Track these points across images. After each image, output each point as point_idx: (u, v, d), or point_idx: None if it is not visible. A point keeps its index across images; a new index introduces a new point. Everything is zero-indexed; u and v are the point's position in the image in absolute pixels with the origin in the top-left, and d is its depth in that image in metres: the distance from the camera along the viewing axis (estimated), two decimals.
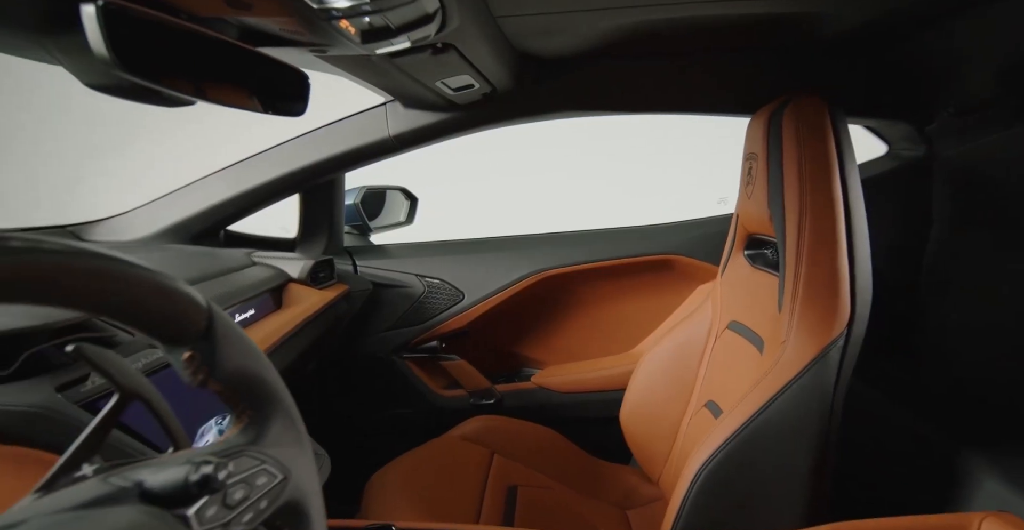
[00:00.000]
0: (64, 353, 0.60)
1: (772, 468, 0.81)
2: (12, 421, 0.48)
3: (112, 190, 2.02)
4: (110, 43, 0.45)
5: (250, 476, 0.38)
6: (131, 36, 0.47)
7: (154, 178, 1.38)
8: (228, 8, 0.51)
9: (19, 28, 0.48)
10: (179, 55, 0.53)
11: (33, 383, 0.52)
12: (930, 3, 0.84)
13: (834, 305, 0.81)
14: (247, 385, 0.40)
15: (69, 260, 0.28)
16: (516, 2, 0.80)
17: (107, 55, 0.45)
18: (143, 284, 0.32)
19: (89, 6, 0.43)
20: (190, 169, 1.34)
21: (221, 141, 1.72)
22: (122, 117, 2.19)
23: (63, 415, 0.50)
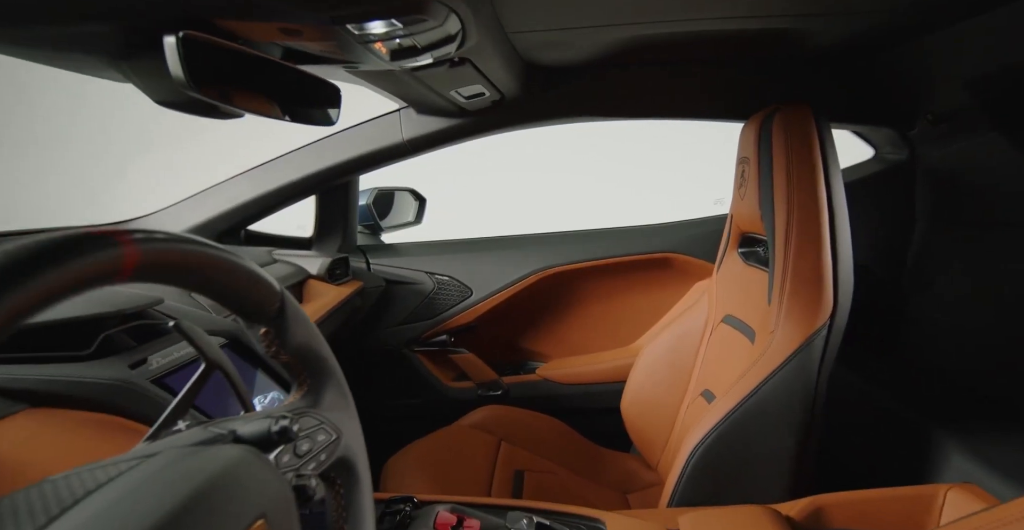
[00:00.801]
0: (128, 336, 0.68)
1: (761, 447, 0.88)
2: (96, 392, 0.55)
3: (142, 191, 2.10)
4: (186, 67, 0.52)
5: (312, 432, 0.45)
6: (199, 60, 0.54)
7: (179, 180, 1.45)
8: (282, 35, 0.59)
9: (103, 54, 0.56)
10: (235, 75, 0.60)
11: (110, 361, 0.60)
12: (903, 21, 0.91)
13: (818, 297, 0.89)
14: (308, 358, 0.48)
15: (196, 250, 0.35)
16: (526, 20, 0.88)
17: (183, 77, 0.52)
18: (239, 272, 0.39)
19: (171, 37, 0.51)
20: (211, 172, 1.42)
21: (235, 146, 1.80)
22: (145, 125, 2.27)
23: (138, 387, 0.58)
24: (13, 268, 0.24)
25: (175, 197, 1.38)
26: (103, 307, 0.63)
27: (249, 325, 0.44)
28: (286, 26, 0.56)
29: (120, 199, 2.56)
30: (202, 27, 0.54)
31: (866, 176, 1.33)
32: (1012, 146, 0.96)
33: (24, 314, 0.24)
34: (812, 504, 0.78)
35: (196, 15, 0.52)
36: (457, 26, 0.68)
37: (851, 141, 1.39)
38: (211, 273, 0.37)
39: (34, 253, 0.25)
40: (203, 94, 0.55)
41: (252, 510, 0.33)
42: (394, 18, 0.57)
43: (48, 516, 0.27)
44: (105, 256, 0.28)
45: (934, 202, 1.20)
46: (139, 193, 2.41)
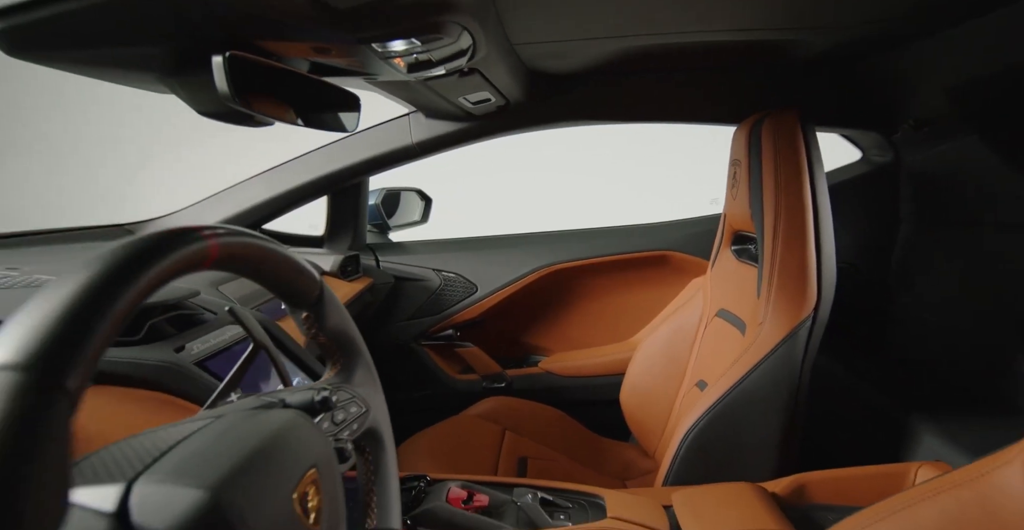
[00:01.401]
0: (169, 324, 0.75)
1: (749, 430, 0.95)
2: (149, 373, 0.62)
3: (161, 192, 2.17)
4: (230, 82, 0.59)
5: (346, 404, 0.52)
6: (241, 76, 0.61)
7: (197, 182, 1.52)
8: (313, 53, 0.65)
9: (155, 71, 0.62)
10: (269, 87, 0.67)
11: (158, 346, 0.66)
12: (882, 33, 0.98)
13: (803, 291, 0.95)
14: (342, 340, 0.54)
15: (257, 243, 0.41)
16: (531, 32, 0.94)
17: (228, 91, 0.59)
18: (288, 263, 0.46)
19: (218, 57, 0.57)
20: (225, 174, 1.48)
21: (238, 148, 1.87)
22: (163, 129, 2.35)
23: (184, 369, 0.64)
24: (136, 258, 0.30)
25: (181, 197, 1.44)
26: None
27: (292, 310, 0.51)
28: (318, 45, 0.63)
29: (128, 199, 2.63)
30: (244, 47, 0.60)
31: (854, 177, 1.39)
32: (988, 150, 1.02)
33: (145, 295, 0.30)
34: (795, 481, 0.84)
35: (240, 37, 0.59)
36: (468, 41, 0.74)
37: (842, 144, 1.46)
38: (267, 264, 0.43)
39: (150, 246, 0.31)
40: (243, 106, 0.61)
41: (306, 460, 0.40)
42: (414, 37, 0.64)
43: (144, 463, 0.34)
44: (197, 248, 0.34)
45: (917, 203, 1.26)
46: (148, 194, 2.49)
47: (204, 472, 0.33)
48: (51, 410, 0.23)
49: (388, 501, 0.54)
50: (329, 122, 0.78)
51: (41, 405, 0.22)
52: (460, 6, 0.62)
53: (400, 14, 0.58)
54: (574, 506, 0.84)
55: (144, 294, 0.30)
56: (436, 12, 0.60)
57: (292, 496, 0.37)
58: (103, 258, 0.29)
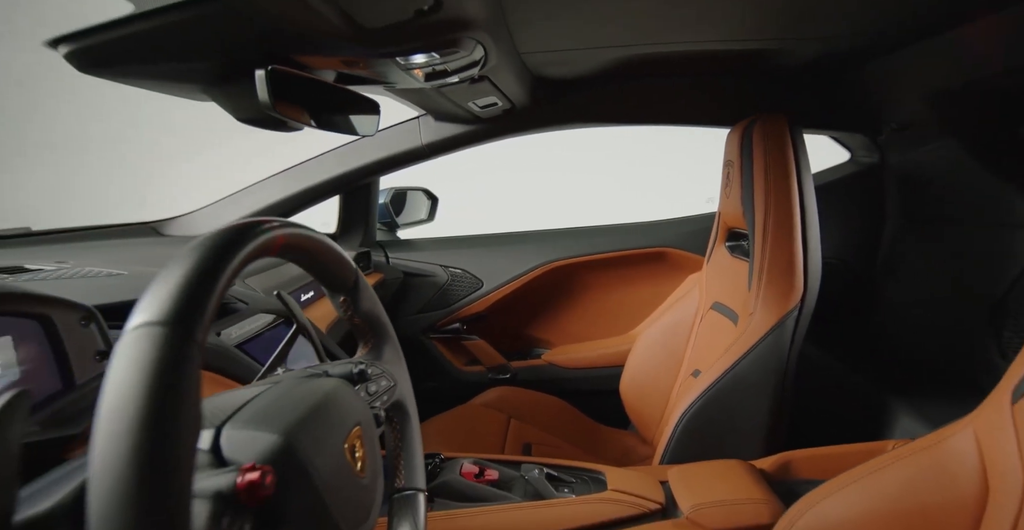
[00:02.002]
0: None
1: (739, 413, 1.01)
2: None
3: (183, 191, 2.24)
4: (271, 93, 0.66)
5: (377, 378, 0.59)
6: (279, 87, 0.68)
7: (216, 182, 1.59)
8: (343, 65, 0.72)
9: (200, 83, 0.69)
10: (301, 96, 0.74)
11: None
12: (864, 43, 1.05)
13: (791, 284, 1.02)
14: (373, 322, 0.61)
15: (310, 234, 0.48)
16: (538, 42, 1.01)
17: (268, 101, 0.66)
18: (332, 253, 0.53)
19: (260, 71, 0.64)
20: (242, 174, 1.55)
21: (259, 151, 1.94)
22: (184, 131, 2.42)
23: (227, 351, 0.71)
24: (230, 243, 0.37)
25: (195, 197, 1.51)
26: None
27: (331, 294, 0.58)
28: (349, 59, 0.69)
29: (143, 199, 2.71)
30: (282, 61, 0.67)
31: (843, 177, 1.46)
32: (963, 152, 1.09)
33: (237, 272, 0.37)
34: (781, 459, 0.91)
35: (279, 52, 0.66)
36: (481, 53, 0.81)
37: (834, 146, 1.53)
38: (315, 253, 0.50)
39: (237, 234, 0.38)
40: (280, 113, 0.68)
41: (352, 418, 0.47)
42: (434, 51, 0.71)
43: (227, 414, 0.41)
44: (269, 237, 0.41)
45: (901, 201, 1.33)
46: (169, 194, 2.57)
47: (276, 421, 0.40)
48: (189, 355, 0.29)
49: (414, 465, 0.61)
50: (352, 126, 0.85)
51: (182, 352, 0.29)
52: (477, 23, 0.69)
53: (423, 32, 0.65)
54: (577, 481, 0.91)
55: (236, 272, 0.36)
56: (455, 29, 0.67)
57: (343, 446, 0.44)
58: (204, 244, 0.36)
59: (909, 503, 0.58)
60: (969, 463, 0.56)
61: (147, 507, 0.26)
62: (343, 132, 0.81)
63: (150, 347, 0.29)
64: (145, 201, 2.43)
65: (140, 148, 2.59)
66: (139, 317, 0.30)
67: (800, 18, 0.95)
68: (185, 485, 0.27)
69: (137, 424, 0.27)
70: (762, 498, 0.80)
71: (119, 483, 0.26)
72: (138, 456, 0.26)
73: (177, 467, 0.27)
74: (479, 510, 0.81)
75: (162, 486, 0.26)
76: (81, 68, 0.61)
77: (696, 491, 0.83)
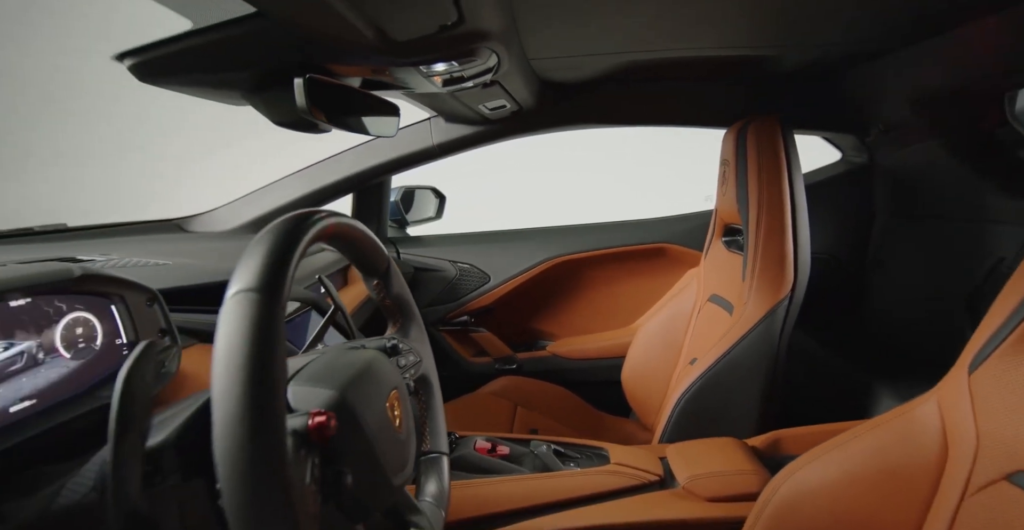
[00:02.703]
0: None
1: (734, 395, 1.09)
2: None
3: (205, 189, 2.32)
4: (307, 99, 0.73)
5: (406, 353, 0.66)
6: (314, 93, 0.75)
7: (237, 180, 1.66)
8: (371, 73, 0.79)
9: (241, 90, 0.76)
10: (330, 100, 0.81)
11: None
12: (852, 49, 1.12)
13: (782, 275, 1.09)
14: (402, 304, 0.68)
15: (353, 224, 0.55)
16: (545, 49, 1.08)
17: (305, 106, 0.73)
18: (369, 241, 0.60)
19: (299, 79, 0.72)
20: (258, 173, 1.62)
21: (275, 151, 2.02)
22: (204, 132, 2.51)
23: None
24: (296, 228, 0.44)
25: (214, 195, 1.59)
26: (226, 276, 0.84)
27: (366, 278, 0.65)
28: (377, 68, 0.77)
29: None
30: (316, 70, 0.75)
31: (835, 176, 1.53)
32: (945, 153, 1.16)
33: (302, 254, 0.44)
34: (772, 437, 0.98)
35: (315, 62, 0.73)
36: (495, 61, 0.88)
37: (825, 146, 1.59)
38: (356, 241, 0.58)
39: (301, 221, 0.45)
40: (315, 117, 0.76)
41: (390, 383, 0.54)
42: (454, 60, 0.78)
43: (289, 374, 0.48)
44: (323, 224, 0.48)
45: (889, 199, 1.40)
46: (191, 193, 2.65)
47: (331, 380, 0.47)
48: (276, 313, 0.37)
49: (438, 431, 0.69)
50: (375, 127, 0.92)
51: (272, 311, 0.37)
52: (493, 34, 0.76)
53: (446, 43, 0.72)
54: (582, 456, 0.98)
55: (302, 253, 0.44)
56: (474, 40, 0.74)
57: (385, 405, 0.51)
58: (276, 230, 0.43)
59: (879, 466, 0.65)
60: (932, 429, 0.63)
61: (258, 422, 0.33)
62: (366, 133, 0.89)
63: (249, 307, 0.36)
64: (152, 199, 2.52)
65: (155, 151, 2.67)
66: (236, 286, 0.38)
67: (790, 27, 1.02)
68: (282, 409, 0.35)
69: (246, 363, 0.34)
70: (752, 470, 0.87)
71: (237, 406, 0.33)
72: (249, 387, 0.33)
73: (276, 395, 0.35)
74: (493, 480, 0.88)
75: (268, 407, 0.34)
76: (141, 78, 0.68)
77: (692, 464, 0.90)
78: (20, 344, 0.48)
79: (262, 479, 0.32)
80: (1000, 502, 0.54)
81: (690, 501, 0.85)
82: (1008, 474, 0.54)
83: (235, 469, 0.32)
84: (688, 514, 0.82)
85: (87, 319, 0.56)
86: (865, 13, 0.94)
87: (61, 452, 0.51)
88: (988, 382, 0.58)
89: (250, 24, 0.64)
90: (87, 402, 0.54)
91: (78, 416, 0.52)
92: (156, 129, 2.53)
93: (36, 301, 0.50)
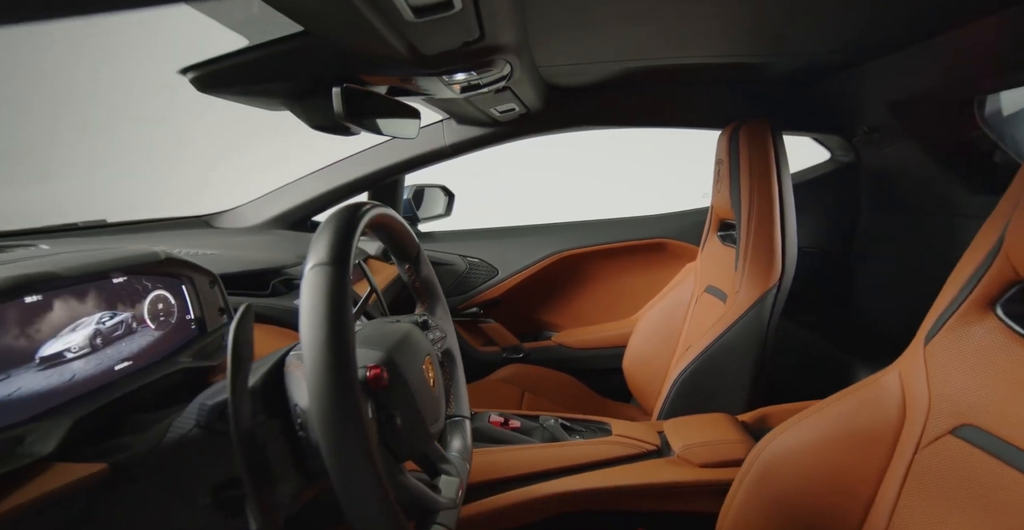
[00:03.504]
0: (281, 284, 0.98)
1: (726, 376, 1.18)
2: (283, 316, 0.86)
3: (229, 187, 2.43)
4: (344, 106, 0.82)
5: (433, 329, 0.75)
6: (349, 100, 0.84)
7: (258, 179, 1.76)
8: (399, 82, 0.88)
9: (283, 98, 0.86)
10: (361, 106, 0.90)
11: (281, 298, 0.90)
12: (835, 57, 1.21)
13: (771, 265, 1.18)
14: (429, 286, 0.78)
15: (392, 214, 0.65)
16: (553, 58, 1.17)
17: (342, 111, 0.83)
18: (405, 230, 0.69)
19: (337, 88, 0.81)
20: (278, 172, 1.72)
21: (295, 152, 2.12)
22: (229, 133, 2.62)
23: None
24: (353, 216, 0.53)
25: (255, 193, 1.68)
26: (269, 263, 0.94)
27: (399, 262, 0.74)
28: (404, 77, 0.86)
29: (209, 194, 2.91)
30: (351, 80, 0.84)
31: (824, 174, 1.62)
32: (922, 152, 1.25)
33: (358, 238, 0.53)
34: (760, 412, 1.08)
35: (351, 73, 0.83)
36: (508, 69, 0.98)
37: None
38: (395, 230, 0.67)
39: (357, 210, 0.54)
40: (349, 122, 0.85)
41: (424, 350, 0.63)
42: (472, 71, 0.87)
43: None
44: (373, 213, 0.57)
45: (874, 196, 1.50)
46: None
47: (379, 343, 0.57)
48: (345, 282, 0.46)
49: (460, 397, 0.78)
50: (398, 130, 1.01)
51: (343, 279, 0.46)
52: (508, 47, 0.85)
53: (467, 56, 0.81)
54: (586, 430, 1.07)
55: (358, 237, 0.53)
56: (491, 53, 0.84)
57: (422, 366, 0.61)
58: (338, 216, 0.52)
59: (848, 429, 0.74)
60: (893, 395, 0.72)
61: (338, 367, 0.42)
62: (391, 135, 0.98)
63: (325, 277, 0.46)
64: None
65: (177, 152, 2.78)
66: (312, 260, 0.47)
67: (777, 38, 1.11)
68: (354, 354, 0.44)
69: (327, 322, 0.43)
70: (740, 439, 0.96)
71: (323, 350, 0.42)
72: (330, 339, 0.43)
73: (349, 343, 0.44)
74: (506, 449, 0.97)
75: (345, 351, 0.43)
76: (201, 89, 0.78)
77: (686, 435, 0.99)
78: (120, 314, 0.58)
79: (344, 400, 0.42)
80: (945, 453, 0.63)
81: (683, 467, 0.94)
82: (952, 429, 0.63)
83: (325, 393, 0.42)
84: (681, 478, 0.92)
85: (165, 296, 0.66)
86: (844, 27, 1.03)
87: (148, 407, 0.60)
88: (939, 352, 0.67)
89: (297, 41, 0.73)
90: (167, 367, 0.63)
91: (160, 378, 0.62)
92: (174, 135, 2.64)
93: (131, 279, 0.60)
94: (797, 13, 0.97)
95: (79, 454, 0.48)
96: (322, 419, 0.42)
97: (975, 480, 0.59)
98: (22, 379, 0.47)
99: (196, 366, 0.66)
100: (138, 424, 0.55)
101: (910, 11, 0.94)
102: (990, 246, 0.62)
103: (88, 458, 0.47)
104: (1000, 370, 0.59)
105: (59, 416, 0.48)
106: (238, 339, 0.44)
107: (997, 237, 0.61)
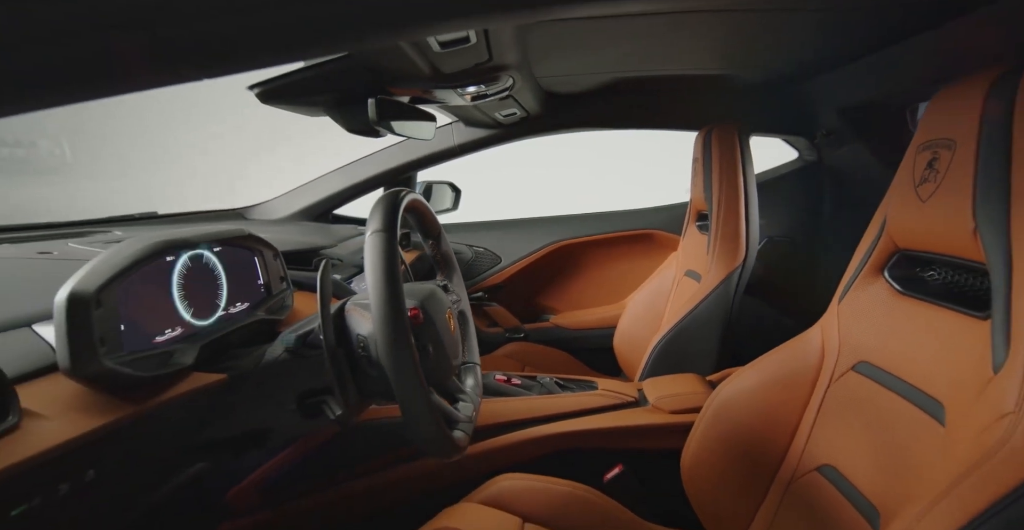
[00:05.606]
0: (319, 259, 1.18)
1: (697, 342, 1.37)
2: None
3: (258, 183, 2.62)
4: (378, 113, 1.02)
5: (450, 293, 0.94)
6: (381, 108, 1.04)
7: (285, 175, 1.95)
8: (420, 93, 1.07)
9: (324, 106, 1.05)
10: (390, 113, 1.09)
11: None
12: (794, 70, 1.39)
13: (736, 248, 1.37)
14: (447, 259, 0.97)
15: (418, 198, 0.84)
16: (550, 69, 1.36)
17: (376, 119, 1.02)
18: (430, 212, 0.88)
19: (372, 99, 1.00)
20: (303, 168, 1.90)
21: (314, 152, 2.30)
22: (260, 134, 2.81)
23: (339, 283, 1.07)
24: (396, 199, 0.72)
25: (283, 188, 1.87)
26: (308, 245, 1.13)
27: (424, 239, 0.93)
28: (425, 90, 1.05)
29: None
30: (382, 92, 1.03)
31: (791, 172, 1.81)
32: (869, 153, 1.44)
33: (400, 215, 0.72)
34: (725, 372, 1.27)
35: (382, 86, 1.02)
36: (511, 81, 1.17)
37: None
38: (423, 212, 0.86)
39: (398, 194, 0.73)
40: (381, 126, 1.04)
41: (446, 304, 0.83)
42: (482, 84, 1.06)
43: None
44: (410, 197, 0.76)
45: (834, 191, 1.69)
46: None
47: (414, 295, 0.76)
48: (395, 245, 0.65)
49: (472, 349, 0.97)
50: (418, 132, 1.20)
51: (393, 243, 0.65)
52: (512, 65, 1.04)
53: (479, 73, 1.00)
54: (576, 386, 1.26)
55: (402, 211, 0.72)
56: (498, 70, 1.03)
57: (445, 315, 0.80)
58: (387, 197, 0.71)
59: (782, 373, 0.93)
60: (815, 345, 0.91)
61: (394, 313, 0.61)
62: (413, 137, 1.17)
63: (381, 241, 0.65)
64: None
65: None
66: (371, 227, 0.66)
67: (745, 54, 1.30)
68: (403, 296, 0.63)
69: (385, 277, 0.62)
70: (704, 391, 1.15)
71: (384, 305, 0.61)
72: (389, 281, 0.62)
73: (400, 287, 0.63)
74: (508, 399, 1.17)
75: (398, 294, 0.62)
76: (264, 101, 0.97)
77: (659, 389, 1.19)
78: (223, 277, 0.77)
79: (400, 323, 0.61)
80: (848, 385, 0.82)
81: (656, 413, 1.14)
82: (852, 365, 0.82)
83: (387, 318, 0.61)
84: (653, 421, 1.11)
85: (247, 264, 0.85)
86: (795, 46, 1.22)
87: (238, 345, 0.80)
88: (847, 307, 0.86)
89: (341, 62, 0.93)
90: (249, 317, 0.83)
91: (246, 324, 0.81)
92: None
93: (226, 248, 0.79)
94: (758, 34, 1.16)
95: (207, 368, 0.67)
96: (384, 335, 0.61)
97: (868, 402, 0.78)
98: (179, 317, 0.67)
99: (269, 319, 0.86)
100: (235, 355, 0.75)
101: (853, 33, 1.13)
102: (879, 225, 0.81)
103: (214, 371, 0.67)
104: (885, 318, 0.78)
105: (194, 341, 0.67)
106: (324, 283, 0.63)
107: (883, 217, 0.80)
